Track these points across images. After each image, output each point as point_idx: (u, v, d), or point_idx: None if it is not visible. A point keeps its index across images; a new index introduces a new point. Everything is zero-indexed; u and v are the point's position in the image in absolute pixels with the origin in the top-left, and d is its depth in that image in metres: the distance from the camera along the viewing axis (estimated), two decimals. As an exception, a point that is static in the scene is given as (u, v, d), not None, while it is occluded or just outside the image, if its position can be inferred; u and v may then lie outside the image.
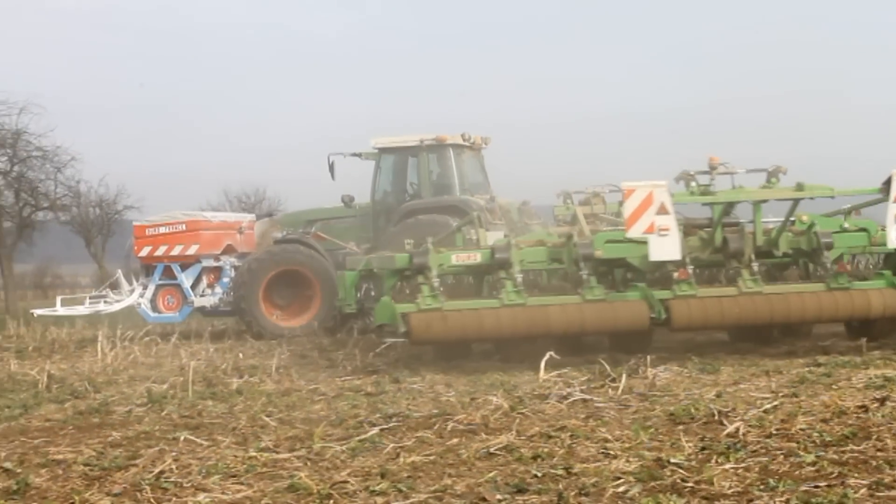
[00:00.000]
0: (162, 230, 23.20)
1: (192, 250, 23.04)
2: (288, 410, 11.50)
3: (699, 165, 15.23)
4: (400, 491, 7.54)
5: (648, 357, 13.34)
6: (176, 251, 23.03)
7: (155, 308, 23.08)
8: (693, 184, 15.32)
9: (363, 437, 9.38)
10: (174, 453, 9.09)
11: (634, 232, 14.53)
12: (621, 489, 7.31)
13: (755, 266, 15.19)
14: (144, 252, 23.18)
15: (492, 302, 14.80)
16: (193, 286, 23.12)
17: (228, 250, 23.53)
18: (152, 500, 7.68)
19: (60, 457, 9.35)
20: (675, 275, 14.95)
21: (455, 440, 9.15)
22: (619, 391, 11.44)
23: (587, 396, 11.12)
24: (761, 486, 7.23)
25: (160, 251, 23.14)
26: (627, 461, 8.04)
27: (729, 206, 15.46)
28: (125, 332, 20.44)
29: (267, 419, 10.81)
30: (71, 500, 7.80)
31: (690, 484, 7.36)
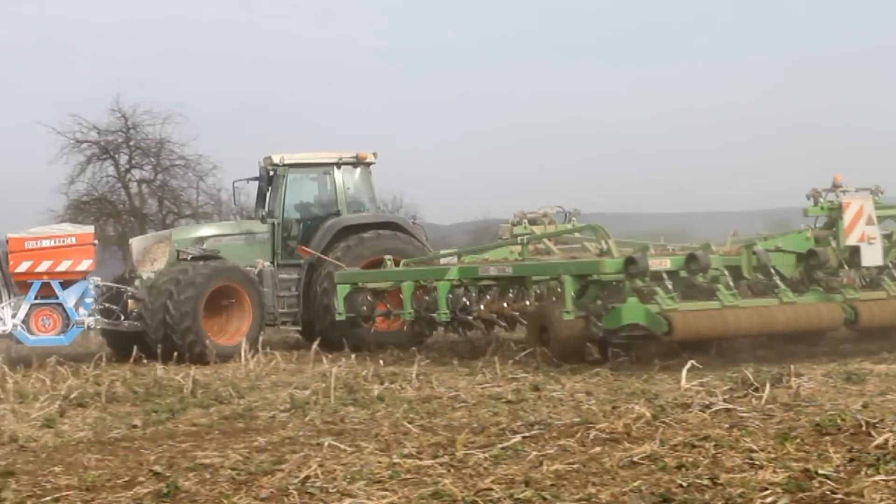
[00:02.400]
0: (46, 244, 20.91)
1: (83, 266, 20.98)
2: (429, 417, 11.56)
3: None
4: (544, 499, 7.52)
5: (792, 366, 13.16)
6: (63, 267, 20.83)
7: (30, 330, 20.57)
8: (821, 199, 17.19)
9: (505, 444, 9.37)
10: (319, 459, 9.15)
11: (851, 240, 16.67)
12: (768, 500, 7.20)
13: None
14: (23, 268, 20.62)
15: (713, 303, 15.79)
16: (77, 305, 20.96)
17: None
18: (299, 505, 7.78)
19: (208, 461, 9.49)
20: (844, 280, 16.58)
21: (598, 449, 9.10)
22: (763, 401, 11.27)
23: (730, 406, 10.96)
24: (914, 500, 7.09)
25: (42, 267, 20.80)
26: (774, 472, 7.92)
27: None
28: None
29: (409, 426, 10.87)
30: (219, 504, 7.94)
31: (840, 496, 7.23)
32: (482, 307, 18.84)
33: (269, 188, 24.16)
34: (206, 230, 24.27)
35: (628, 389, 13.07)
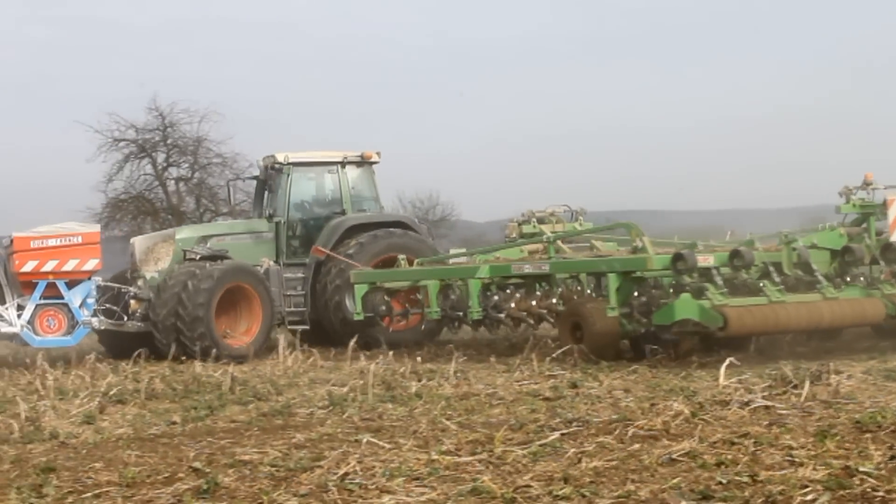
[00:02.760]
0: (52, 243, 20.55)
1: (90, 266, 20.72)
2: (467, 414, 11.57)
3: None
4: (583, 496, 7.53)
5: (832, 363, 13.10)
6: (69, 266, 20.54)
7: (35, 331, 20.21)
8: (852, 197, 17.56)
9: (544, 441, 9.38)
10: (357, 455, 9.18)
11: None
12: (809, 498, 7.18)
13: None
14: (28, 267, 20.26)
15: (760, 299, 15.89)
16: (83, 305, 20.64)
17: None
18: (339, 502, 7.79)
19: (247, 457, 9.54)
20: (882, 276, 16.92)
21: (637, 446, 9.09)
22: (802, 398, 11.22)
23: (769, 403, 10.93)
24: (956, 497, 7.04)
25: (48, 266, 20.45)
26: (814, 469, 7.89)
27: None
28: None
29: (447, 422, 10.88)
30: (259, 500, 7.96)
31: (881, 493, 7.19)
32: (512, 305, 18.78)
33: (268, 187, 24.10)
34: (210, 229, 24.21)
35: (666, 386, 13.03)
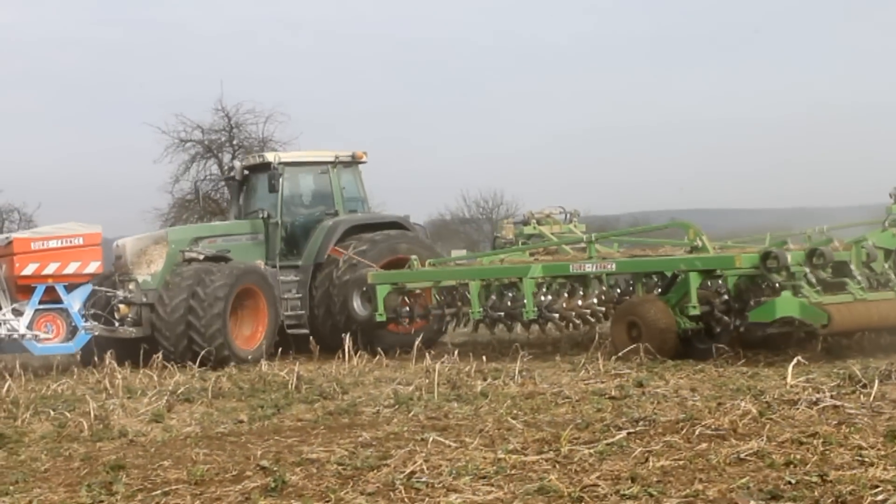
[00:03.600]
0: (53, 244, 19.59)
1: (91, 268, 19.83)
2: (533, 413, 11.56)
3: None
4: (651, 495, 7.51)
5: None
6: (71, 269, 19.62)
7: (35, 338, 19.19)
8: None
9: (611, 440, 9.35)
10: (424, 454, 9.20)
11: None
12: (879, 498, 7.11)
13: None
14: (29, 270, 19.29)
15: (846, 296, 15.97)
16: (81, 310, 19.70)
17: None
18: (406, 500, 7.81)
19: (314, 456, 9.59)
20: None
21: (704, 445, 9.05)
22: (871, 397, 11.11)
23: (838, 402, 10.84)
24: None
25: (50, 269, 19.46)
26: (884, 469, 7.82)
27: None
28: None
29: (513, 421, 10.88)
30: (327, 499, 8.00)
31: (953, 493, 7.12)
32: (563, 305, 18.73)
33: (246, 189, 23.52)
34: (201, 231, 23.07)
35: (733, 385, 12.95)
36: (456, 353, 16.87)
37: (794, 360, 13.07)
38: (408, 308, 20.43)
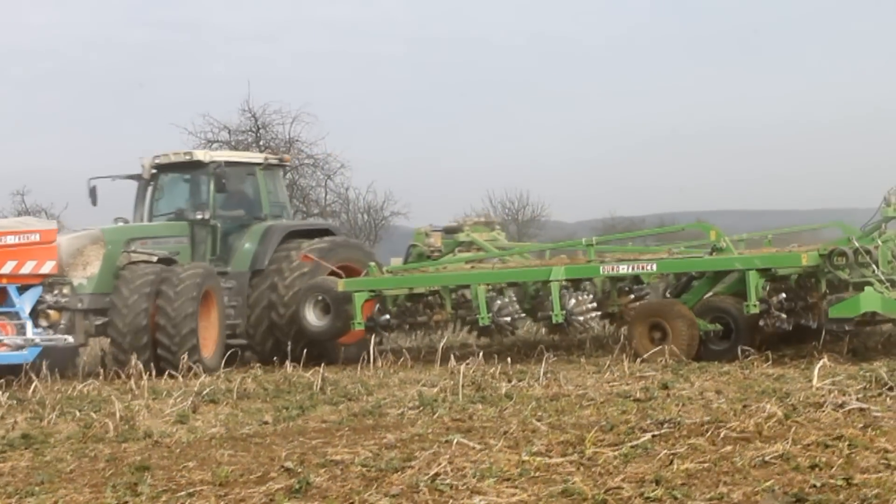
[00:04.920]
0: (10, 240, 17.81)
1: (47, 268, 18.00)
2: (558, 415, 11.54)
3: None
4: (675, 498, 7.49)
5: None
6: (27, 269, 17.84)
7: None
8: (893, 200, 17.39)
9: (635, 443, 9.33)
10: (448, 456, 9.19)
11: None
12: (906, 501, 7.09)
13: None
14: None
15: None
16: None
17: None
18: (430, 502, 7.82)
19: (338, 457, 9.59)
20: None
21: (729, 448, 9.01)
22: (898, 400, 11.08)
23: (864, 405, 10.78)
24: None
25: (7, 268, 17.67)
26: (911, 473, 7.79)
27: None
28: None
29: (537, 423, 10.86)
30: (350, 500, 8.00)
31: (979, 497, 7.08)
32: (584, 308, 18.55)
33: (155, 189, 21.84)
34: (134, 231, 20.65)
35: (758, 388, 12.91)
36: (480, 354, 16.84)
37: (820, 363, 13.01)
38: (387, 316, 19.63)
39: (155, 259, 19.39)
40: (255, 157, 22.64)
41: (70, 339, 18.16)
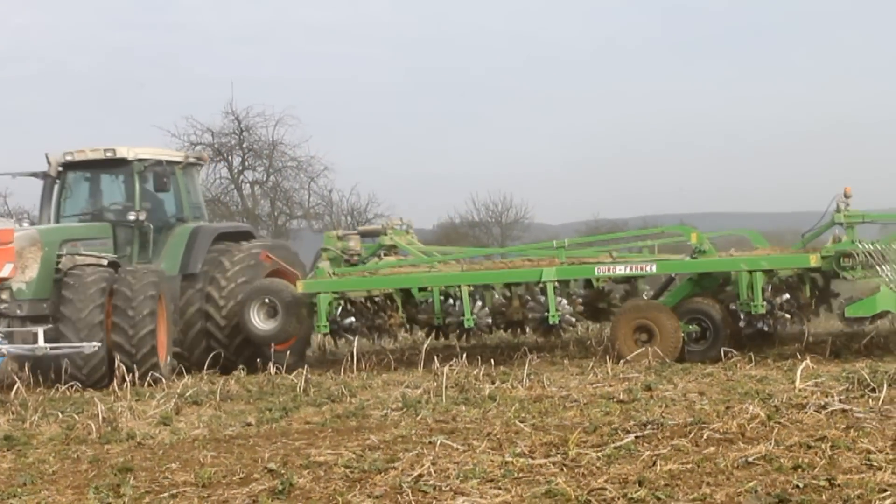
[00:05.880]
0: None
1: (5, 271, 16.45)
2: (541, 416, 11.54)
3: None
4: (658, 499, 7.50)
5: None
6: None
7: None
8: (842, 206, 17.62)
9: (618, 444, 9.33)
10: (431, 457, 9.19)
11: None
12: (888, 502, 7.10)
13: None
14: None
15: None
16: None
17: None
18: (413, 503, 7.82)
19: (321, 458, 9.58)
20: None
21: (712, 449, 9.03)
22: (880, 401, 11.08)
23: (846, 406, 10.80)
24: None
25: None
26: (893, 473, 7.80)
27: None
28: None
29: (521, 425, 10.86)
30: (334, 502, 8.00)
31: (961, 498, 7.11)
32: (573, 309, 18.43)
33: (63, 187, 20.13)
34: (66, 233, 18.86)
35: (742, 389, 12.93)
36: (464, 356, 16.84)
37: (803, 364, 13.05)
38: (353, 319, 18.67)
39: (105, 262, 17.84)
40: (175, 154, 21.03)
41: (10, 348, 16.01)
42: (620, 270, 18.08)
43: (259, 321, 18.73)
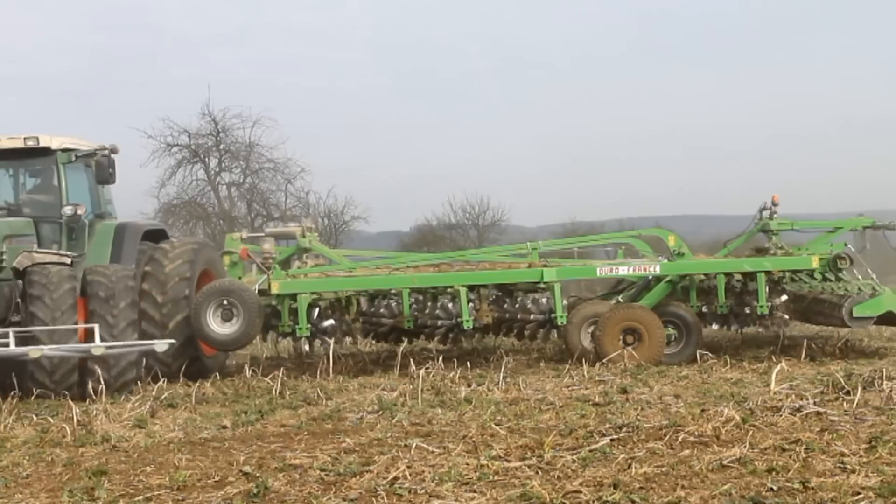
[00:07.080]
0: None
1: None
2: (517, 419, 11.55)
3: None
4: (633, 501, 7.53)
5: (884, 369, 13.02)
6: None
7: None
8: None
9: (594, 447, 9.36)
10: (407, 460, 9.19)
11: None
12: (861, 505, 7.15)
13: None
14: None
15: None
16: None
17: None
18: (388, 506, 7.83)
19: (297, 461, 9.57)
20: None
21: (687, 452, 9.06)
22: (854, 404, 11.15)
23: (821, 409, 10.86)
24: None
25: None
26: (866, 476, 7.85)
27: None
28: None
29: (496, 428, 10.87)
30: (309, 504, 8.00)
31: (934, 501, 7.14)
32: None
33: None
34: (5, 227, 16.75)
35: (717, 392, 12.98)
36: (440, 359, 16.82)
37: (778, 367, 13.10)
38: (331, 321, 17.93)
39: (69, 261, 16.42)
40: (93, 145, 18.35)
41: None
42: (623, 271, 18.07)
43: (216, 325, 17.51)
